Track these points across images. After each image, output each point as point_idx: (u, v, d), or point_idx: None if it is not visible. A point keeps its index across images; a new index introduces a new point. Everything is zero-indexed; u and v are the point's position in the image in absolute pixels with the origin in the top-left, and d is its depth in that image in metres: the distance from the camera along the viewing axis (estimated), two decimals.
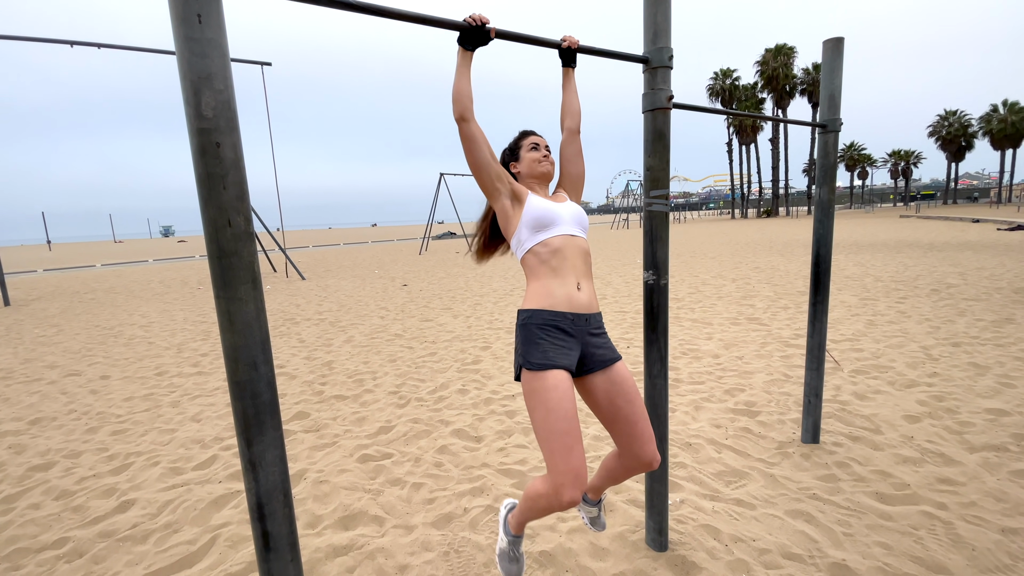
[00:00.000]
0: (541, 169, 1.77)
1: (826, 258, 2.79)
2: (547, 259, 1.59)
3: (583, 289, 1.61)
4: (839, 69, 2.58)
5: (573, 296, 1.58)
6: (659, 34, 1.78)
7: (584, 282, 1.62)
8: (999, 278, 7.99)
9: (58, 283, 14.50)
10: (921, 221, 27.23)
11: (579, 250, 1.64)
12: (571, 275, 1.59)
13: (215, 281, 1.06)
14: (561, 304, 1.56)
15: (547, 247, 1.59)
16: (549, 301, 1.56)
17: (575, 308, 1.58)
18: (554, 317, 1.55)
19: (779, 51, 45.15)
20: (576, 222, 1.69)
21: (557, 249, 1.59)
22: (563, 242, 1.61)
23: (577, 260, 1.62)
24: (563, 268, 1.59)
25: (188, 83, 0.99)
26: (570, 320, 1.56)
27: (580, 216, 1.72)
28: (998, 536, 2.07)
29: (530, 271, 1.63)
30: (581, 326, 1.58)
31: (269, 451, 1.14)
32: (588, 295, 1.62)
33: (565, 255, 1.60)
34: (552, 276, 1.59)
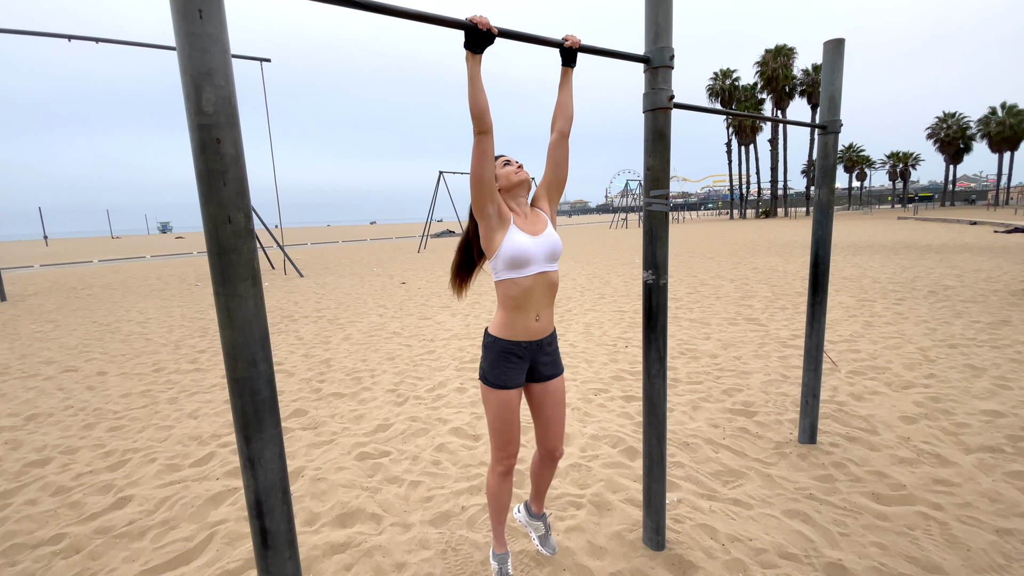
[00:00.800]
0: (518, 178, 1.87)
1: (825, 259, 2.80)
2: (515, 296, 1.82)
3: (540, 319, 1.87)
4: (839, 70, 2.59)
5: (530, 327, 1.85)
6: (660, 34, 1.78)
7: (543, 312, 1.87)
8: (996, 280, 8.02)
9: (55, 279, 14.45)
10: (919, 223, 27.30)
11: (546, 285, 1.86)
12: (532, 309, 1.85)
13: (215, 278, 1.05)
14: (519, 335, 1.85)
15: (517, 286, 1.81)
16: (510, 332, 1.85)
17: (530, 336, 1.86)
18: (511, 346, 1.85)
19: (779, 52, 45.18)
20: (548, 257, 1.85)
21: (526, 289, 1.81)
22: (533, 282, 1.81)
23: (542, 296, 1.85)
24: (527, 305, 1.83)
25: (189, 78, 0.98)
26: (524, 347, 1.87)
27: (554, 248, 1.87)
28: (993, 537, 2.08)
29: (500, 298, 1.88)
30: (533, 350, 1.89)
31: (268, 448, 1.13)
32: (544, 323, 1.89)
33: (532, 293, 1.83)
34: (515, 310, 1.83)
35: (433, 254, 19.15)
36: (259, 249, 14.75)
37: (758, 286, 8.59)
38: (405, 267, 14.46)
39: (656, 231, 1.91)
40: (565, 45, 1.72)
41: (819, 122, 2.66)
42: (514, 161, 1.92)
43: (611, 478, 2.66)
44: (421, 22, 1.31)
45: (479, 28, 1.46)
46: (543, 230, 1.86)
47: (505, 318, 1.85)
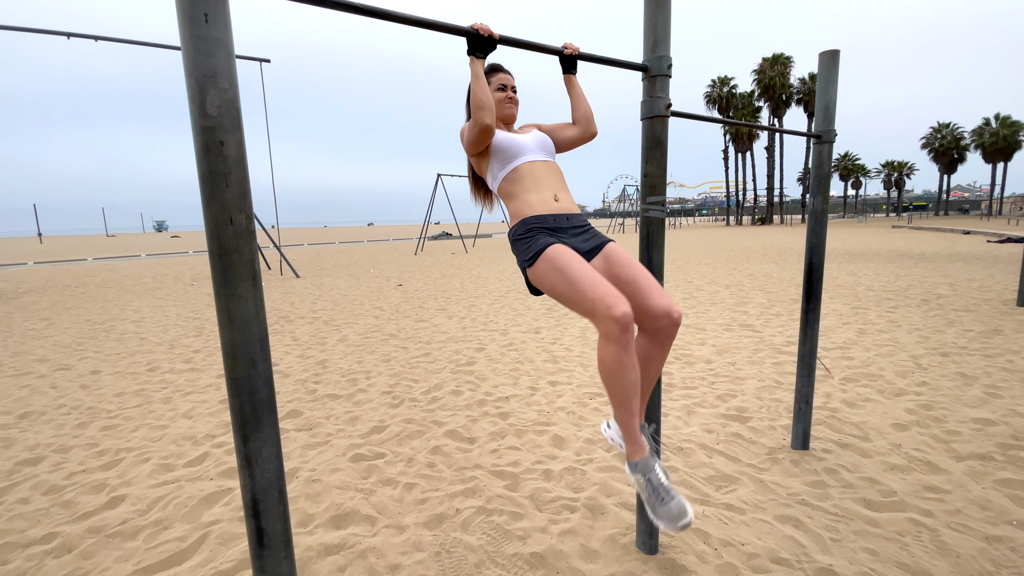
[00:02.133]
0: (506, 111, 1.82)
1: (819, 267, 2.83)
2: (519, 181, 1.68)
3: (560, 199, 1.71)
4: (835, 81, 2.62)
5: (550, 203, 1.68)
6: (659, 43, 1.80)
7: (561, 193, 1.72)
8: (988, 289, 8.10)
9: (49, 276, 14.36)
10: (913, 232, 27.51)
11: (549, 169, 1.74)
12: (546, 189, 1.69)
13: (215, 278, 1.07)
14: (541, 210, 1.66)
15: (518, 172, 1.69)
16: (529, 211, 1.66)
17: (555, 211, 1.68)
18: (537, 220, 1.64)
19: (776, 60, 45.54)
20: (541, 148, 1.76)
21: (528, 171, 1.69)
22: (532, 167, 1.70)
23: (549, 178, 1.71)
24: (537, 186, 1.69)
25: (193, 81, 1.00)
26: (552, 219, 1.66)
27: (545, 142, 1.79)
28: (982, 544, 2.10)
29: (507, 197, 1.72)
30: (563, 224, 1.67)
31: (265, 448, 1.14)
32: (566, 202, 1.72)
33: (536, 175, 1.70)
34: (527, 192, 1.68)
35: (430, 256, 19.15)
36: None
37: (753, 292, 8.64)
38: (402, 269, 14.46)
39: (653, 237, 1.93)
40: (565, 53, 1.74)
41: (814, 132, 2.69)
42: (509, 87, 1.81)
43: (605, 482, 2.67)
44: (424, 28, 1.33)
45: (480, 35, 1.48)
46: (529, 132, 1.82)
47: (521, 204, 1.66)
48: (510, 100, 1.84)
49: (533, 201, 1.67)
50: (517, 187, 1.68)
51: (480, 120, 1.64)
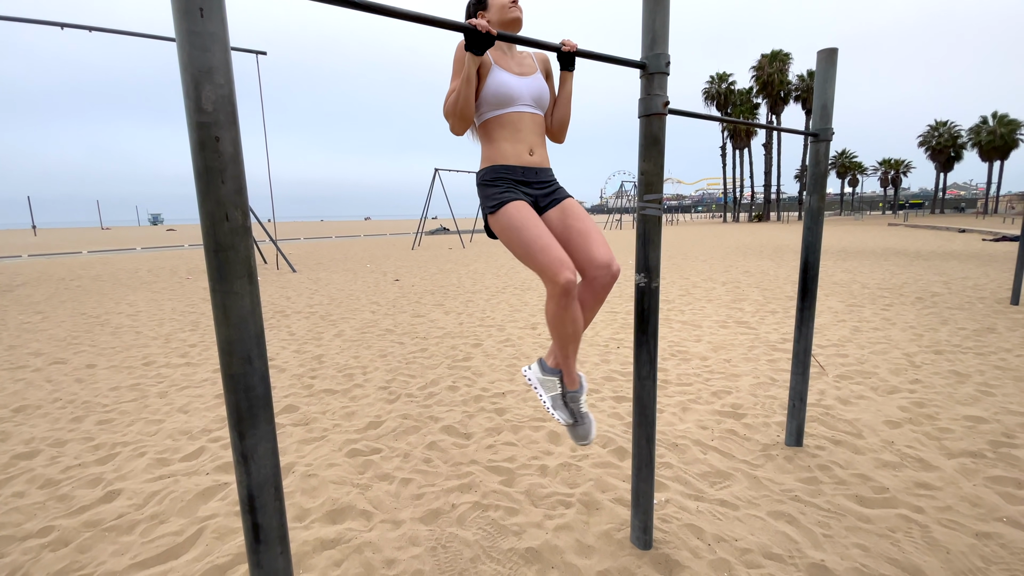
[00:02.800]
0: (511, 15, 1.78)
1: (814, 264, 2.84)
2: (501, 128, 1.72)
3: (535, 153, 1.77)
4: (832, 79, 2.62)
5: (523, 157, 1.75)
6: (657, 40, 1.80)
7: (537, 149, 1.77)
8: (982, 288, 8.14)
9: (43, 269, 14.28)
10: (909, 230, 27.61)
11: (533, 123, 1.76)
12: (523, 143, 1.74)
13: (211, 274, 1.06)
14: (511, 160, 1.73)
15: (501, 121, 1.72)
16: (501, 159, 1.73)
17: (525, 164, 1.75)
18: (505, 171, 1.72)
19: (775, 57, 45.50)
20: (534, 99, 1.77)
21: (512, 122, 1.72)
22: (518, 118, 1.73)
23: (531, 133, 1.75)
24: (515, 137, 1.73)
25: (189, 76, 0.99)
26: (520, 172, 1.73)
27: (541, 93, 1.79)
28: (972, 540, 2.12)
29: (486, 136, 1.76)
30: (531, 178, 1.75)
31: (261, 444, 1.15)
32: (539, 157, 1.78)
33: (520, 127, 1.73)
34: (505, 141, 1.73)
35: (427, 251, 19.12)
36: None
37: (749, 289, 8.67)
38: (399, 264, 14.43)
39: (649, 235, 1.93)
40: (563, 49, 1.74)
41: (812, 130, 2.70)
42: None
43: (600, 478, 2.69)
44: (422, 24, 1.33)
45: (478, 31, 1.47)
46: (530, 73, 1.79)
47: (495, 150, 1.72)
48: (514, 3, 1.78)
49: (507, 151, 1.72)
50: (497, 133, 1.72)
51: (452, 126, 1.68)
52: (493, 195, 1.71)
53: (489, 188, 1.73)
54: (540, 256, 1.64)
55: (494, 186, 1.72)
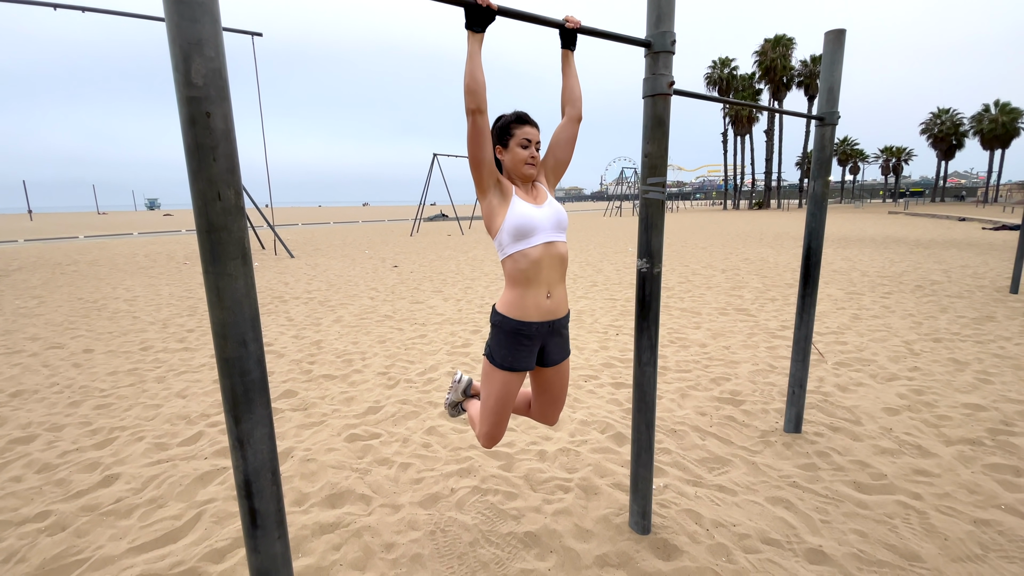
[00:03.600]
0: (525, 172, 1.80)
1: (817, 251, 2.81)
2: (524, 269, 1.72)
3: (552, 296, 1.78)
4: (839, 62, 2.57)
5: (541, 304, 1.76)
6: (663, 18, 1.75)
7: (555, 289, 1.78)
8: (982, 276, 8.13)
9: (39, 254, 14.20)
10: (909, 218, 27.55)
11: (556, 258, 1.77)
12: (543, 285, 1.75)
13: (204, 256, 1.03)
14: (530, 314, 1.75)
15: (526, 257, 1.71)
16: (519, 311, 1.74)
17: (542, 317, 1.76)
18: (521, 327, 1.75)
19: (778, 42, 44.94)
20: (555, 226, 1.77)
21: (535, 260, 1.72)
22: (541, 252, 1.72)
23: (552, 270, 1.76)
24: (537, 279, 1.73)
25: (178, 49, 0.95)
26: (535, 328, 1.76)
27: (560, 218, 1.79)
28: (970, 527, 2.13)
29: (508, 276, 1.78)
30: (544, 331, 1.79)
31: (257, 429, 1.13)
32: (557, 300, 1.80)
33: (541, 266, 1.73)
34: (525, 286, 1.74)
35: (426, 237, 19.04)
36: (249, 229, 14.72)
37: (749, 277, 8.65)
38: (397, 250, 14.37)
39: (652, 219, 1.90)
40: (566, 26, 1.69)
41: (817, 113, 2.65)
42: (533, 144, 1.78)
43: (599, 463, 2.69)
44: None
45: (479, 5, 1.43)
46: (545, 200, 1.80)
47: (514, 296, 1.74)
48: (532, 160, 1.78)
49: (526, 301, 1.73)
50: (519, 274, 1.72)
51: (468, 105, 1.60)
52: (500, 350, 1.78)
53: (499, 336, 1.78)
54: (489, 418, 1.86)
55: (507, 347, 1.77)
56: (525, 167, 1.78)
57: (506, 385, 1.81)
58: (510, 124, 1.78)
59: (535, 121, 1.81)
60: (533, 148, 1.78)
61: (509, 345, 1.77)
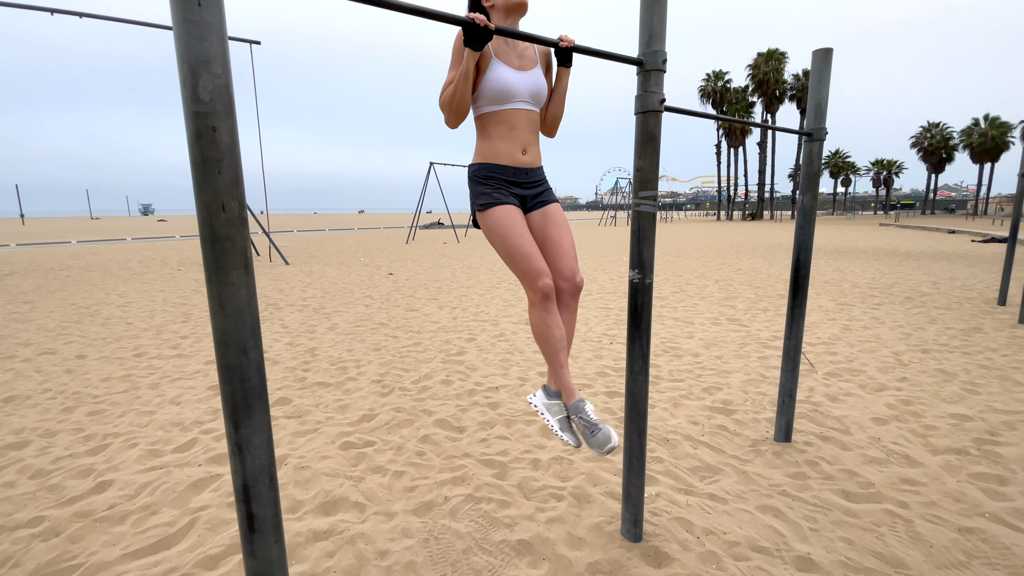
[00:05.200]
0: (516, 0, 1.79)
1: (806, 263, 2.87)
2: (497, 125, 1.74)
3: (528, 152, 1.79)
4: (827, 79, 2.64)
5: (516, 157, 1.77)
6: (654, 37, 1.81)
7: (530, 147, 1.80)
8: (970, 288, 8.25)
9: (32, 258, 14.11)
10: (899, 230, 27.87)
11: (529, 121, 1.78)
12: (517, 141, 1.76)
13: (207, 265, 1.07)
14: (504, 160, 1.76)
15: (498, 118, 1.73)
16: (494, 157, 1.76)
17: (517, 164, 1.78)
18: (497, 170, 1.76)
19: (770, 56, 45.62)
20: (532, 96, 1.78)
21: (507, 120, 1.73)
22: (514, 115, 1.74)
23: (525, 131, 1.77)
24: (511, 135, 1.75)
25: (186, 66, 0.99)
26: (511, 172, 1.76)
27: (538, 90, 1.80)
28: (955, 535, 2.17)
29: (481, 130, 1.78)
30: (522, 178, 1.79)
31: (256, 435, 1.15)
32: (532, 156, 1.81)
33: (514, 125, 1.75)
34: (499, 139, 1.75)
35: (422, 245, 19.07)
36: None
37: (742, 287, 8.73)
38: (393, 258, 14.39)
39: (644, 231, 1.95)
40: (560, 45, 1.74)
41: (806, 129, 2.72)
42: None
43: (592, 471, 2.71)
44: (422, 17, 1.33)
45: (477, 25, 1.47)
46: (530, 67, 1.80)
47: (488, 147, 1.76)
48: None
49: (501, 149, 1.75)
50: (493, 129, 1.74)
51: (446, 119, 1.69)
52: (483, 193, 1.76)
53: (480, 185, 1.78)
54: (522, 263, 1.75)
55: (485, 184, 1.76)
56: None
57: (505, 217, 1.74)
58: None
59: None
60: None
61: (488, 186, 1.75)
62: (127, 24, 10.03)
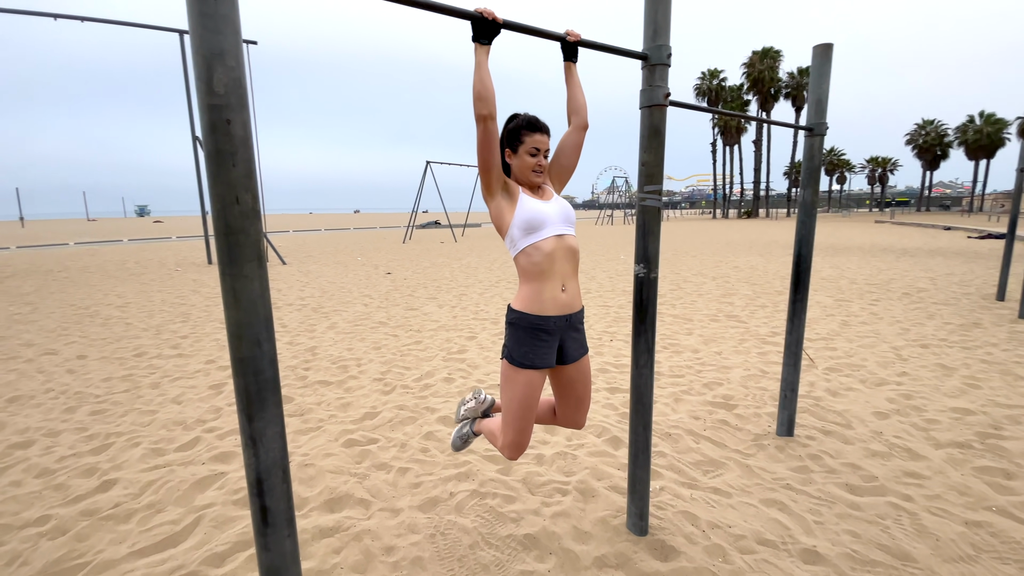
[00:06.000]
0: (532, 179, 1.84)
1: (807, 257, 2.88)
2: (538, 262, 1.74)
3: (567, 289, 1.79)
4: (827, 74, 2.66)
5: (558, 298, 1.77)
6: (659, 32, 1.82)
7: (569, 282, 1.80)
8: (968, 284, 8.29)
9: (31, 260, 14.06)
10: (895, 227, 27.98)
11: (567, 250, 1.79)
12: (557, 278, 1.77)
13: (221, 258, 1.07)
14: (547, 308, 1.76)
15: (538, 250, 1.74)
16: (536, 306, 1.76)
17: (559, 311, 1.78)
18: (539, 321, 1.76)
19: (765, 54, 45.71)
20: (564, 220, 1.81)
21: (547, 253, 1.74)
22: (553, 245, 1.75)
23: (564, 262, 1.78)
24: (551, 271, 1.75)
25: (201, 59, 0.99)
26: (553, 323, 1.77)
27: (568, 213, 1.84)
28: (962, 528, 2.18)
29: (521, 271, 1.79)
30: (562, 325, 1.80)
31: (270, 427, 1.15)
32: (571, 294, 1.81)
33: (554, 258, 1.75)
34: (540, 280, 1.75)
35: (419, 245, 19.06)
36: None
37: (739, 284, 8.75)
38: (390, 257, 14.38)
39: (649, 225, 1.95)
40: (567, 40, 1.75)
41: (806, 124, 2.73)
42: (542, 153, 1.81)
43: (596, 466, 2.72)
44: (431, 11, 1.33)
45: (485, 19, 1.48)
46: (552, 198, 1.85)
47: (530, 291, 1.75)
48: (539, 167, 1.82)
49: (543, 295, 1.74)
50: (533, 267, 1.74)
51: (478, 111, 1.63)
52: (520, 348, 1.76)
53: (516, 334, 1.78)
54: (514, 424, 1.83)
55: (526, 340, 1.76)
56: (532, 174, 1.82)
57: (529, 384, 1.78)
58: (521, 130, 1.81)
59: (547, 127, 1.83)
60: (541, 156, 1.82)
61: (529, 342, 1.75)
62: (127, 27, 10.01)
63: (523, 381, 1.78)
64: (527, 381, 1.78)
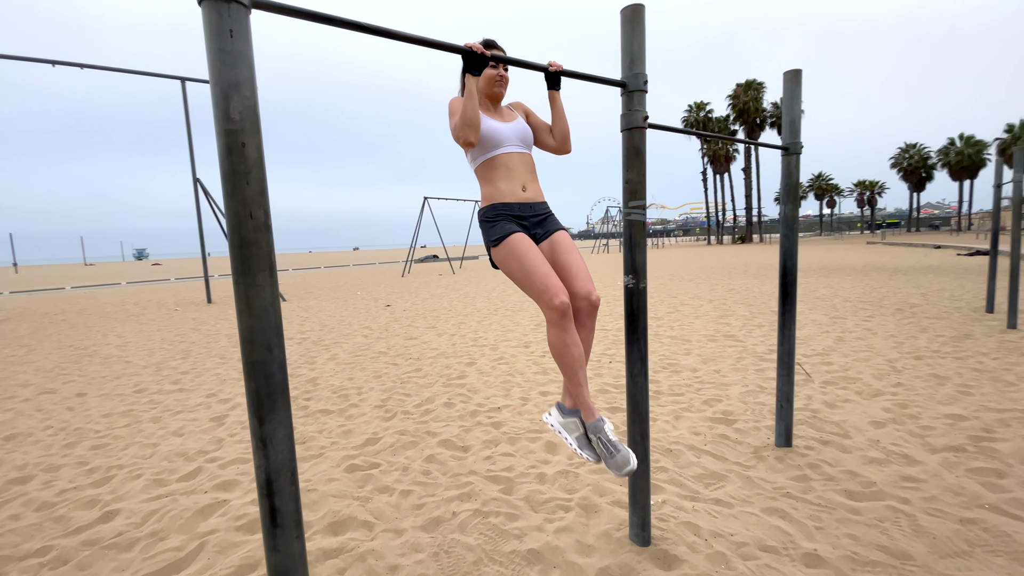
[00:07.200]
0: (495, 90, 1.98)
1: (792, 270, 2.98)
2: (494, 169, 1.91)
3: (528, 189, 1.95)
4: (798, 98, 2.82)
5: (518, 193, 1.93)
6: (635, 61, 1.96)
7: (529, 184, 1.96)
8: (959, 298, 8.41)
9: (26, 304, 14.08)
10: (886, 247, 28.35)
11: (523, 162, 1.95)
12: (516, 180, 1.92)
13: (235, 268, 1.15)
14: (508, 198, 1.92)
15: (492, 162, 1.91)
16: (499, 197, 1.91)
17: (520, 200, 1.94)
18: (504, 207, 1.91)
19: (749, 86, 47.25)
20: (519, 139, 1.96)
21: (503, 163, 1.91)
22: (508, 158, 1.91)
23: (521, 168, 1.94)
24: (509, 176, 1.92)
25: (218, 90, 1.10)
26: (516, 207, 1.92)
27: (524, 135, 1.97)
28: (957, 526, 2.21)
29: (482, 178, 1.94)
30: (527, 212, 1.94)
31: (279, 429, 1.21)
32: (532, 192, 1.96)
33: (510, 166, 1.92)
34: (499, 181, 1.92)
35: (417, 278, 19.19)
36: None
37: (735, 306, 8.85)
38: (389, 291, 14.47)
39: (635, 238, 2.05)
40: (550, 70, 1.89)
41: (782, 144, 2.88)
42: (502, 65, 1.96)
43: (597, 483, 2.74)
44: (423, 46, 1.46)
45: (475, 53, 1.62)
46: (513, 119, 1.98)
47: (492, 190, 1.92)
48: (500, 79, 1.99)
49: (503, 189, 1.91)
50: (491, 174, 1.92)
51: (465, 137, 1.85)
52: (495, 229, 1.90)
53: (490, 224, 1.93)
54: (538, 282, 1.83)
55: (495, 222, 1.91)
56: (494, 85, 1.96)
57: (518, 245, 1.86)
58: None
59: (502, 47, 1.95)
60: (501, 68, 1.97)
61: (500, 222, 1.89)
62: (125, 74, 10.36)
63: (513, 244, 1.86)
64: (516, 242, 1.86)
